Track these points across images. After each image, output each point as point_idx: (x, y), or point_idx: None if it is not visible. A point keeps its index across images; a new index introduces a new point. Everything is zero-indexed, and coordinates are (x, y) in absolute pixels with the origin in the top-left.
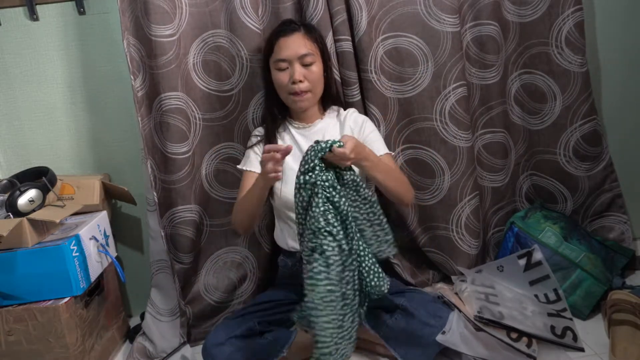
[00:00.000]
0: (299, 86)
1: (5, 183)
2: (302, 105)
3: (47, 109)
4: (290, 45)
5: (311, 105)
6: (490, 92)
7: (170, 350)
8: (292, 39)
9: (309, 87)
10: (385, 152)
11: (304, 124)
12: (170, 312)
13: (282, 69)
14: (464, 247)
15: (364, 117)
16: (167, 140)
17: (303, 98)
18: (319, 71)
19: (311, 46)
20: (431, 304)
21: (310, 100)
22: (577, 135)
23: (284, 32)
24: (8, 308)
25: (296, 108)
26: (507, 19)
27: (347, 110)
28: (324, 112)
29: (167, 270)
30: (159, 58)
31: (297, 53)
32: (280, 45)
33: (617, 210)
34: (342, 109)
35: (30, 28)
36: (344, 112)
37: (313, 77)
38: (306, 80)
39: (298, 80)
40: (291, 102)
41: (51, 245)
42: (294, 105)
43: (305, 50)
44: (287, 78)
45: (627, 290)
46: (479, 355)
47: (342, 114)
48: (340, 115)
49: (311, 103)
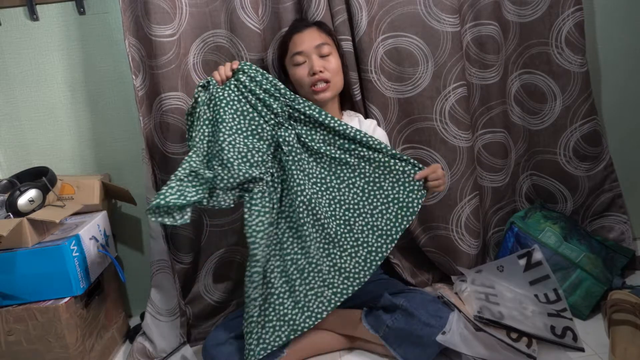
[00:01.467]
0: (319, 75)
1: (5, 183)
2: (324, 96)
3: (47, 109)
4: (305, 38)
5: (332, 96)
6: (490, 92)
7: (170, 350)
8: (306, 33)
9: (329, 76)
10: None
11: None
12: (170, 312)
13: (300, 63)
14: (464, 247)
15: (385, 135)
16: (167, 140)
17: (324, 87)
18: (337, 62)
19: (326, 37)
20: (431, 304)
21: (331, 90)
22: (577, 135)
23: (297, 29)
24: (8, 308)
25: (318, 99)
26: (507, 19)
27: (369, 122)
28: (342, 113)
29: (167, 270)
30: (159, 58)
31: (312, 44)
32: (294, 41)
33: (617, 210)
34: (361, 116)
35: (30, 28)
36: (365, 121)
37: (332, 66)
38: (326, 71)
39: (318, 70)
40: (312, 95)
41: (51, 245)
42: (315, 96)
43: (321, 40)
44: (306, 71)
45: (627, 290)
46: (479, 355)
47: (363, 124)
48: (362, 125)
49: (332, 94)
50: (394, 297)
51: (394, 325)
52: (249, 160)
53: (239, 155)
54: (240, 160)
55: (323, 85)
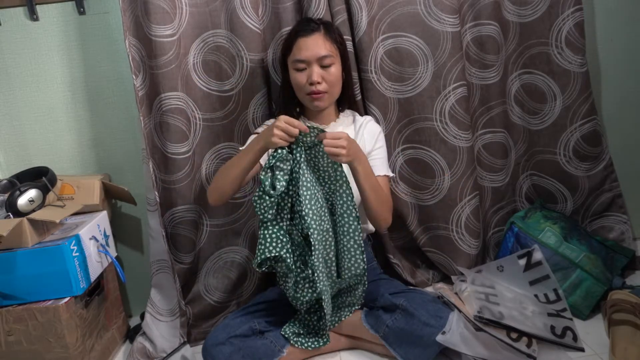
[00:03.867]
0: (316, 87)
1: (5, 183)
2: (319, 104)
3: (47, 109)
4: (309, 46)
5: (328, 104)
6: (490, 92)
7: (170, 350)
8: (312, 39)
9: (326, 88)
10: (384, 173)
11: (317, 125)
12: (170, 312)
13: (301, 69)
14: (464, 247)
15: (379, 129)
16: (167, 140)
17: (320, 97)
18: (337, 72)
19: (330, 47)
20: (431, 304)
21: (327, 100)
22: (577, 135)
23: (304, 32)
24: (8, 308)
25: (313, 107)
26: (507, 19)
27: (363, 118)
28: (338, 114)
29: (167, 270)
30: (159, 58)
31: (316, 55)
32: (299, 45)
33: (617, 210)
34: (357, 115)
35: (30, 28)
36: (360, 118)
37: (331, 78)
38: (324, 82)
39: (316, 81)
40: (308, 102)
41: (51, 245)
42: (311, 104)
43: (325, 52)
44: (305, 79)
45: (627, 290)
46: (479, 355)
47: (358, 121)
48: (357, 122)
49: (328, 103)
50: (394, 297)
51: (394, 325)
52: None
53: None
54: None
55: (320, 95)
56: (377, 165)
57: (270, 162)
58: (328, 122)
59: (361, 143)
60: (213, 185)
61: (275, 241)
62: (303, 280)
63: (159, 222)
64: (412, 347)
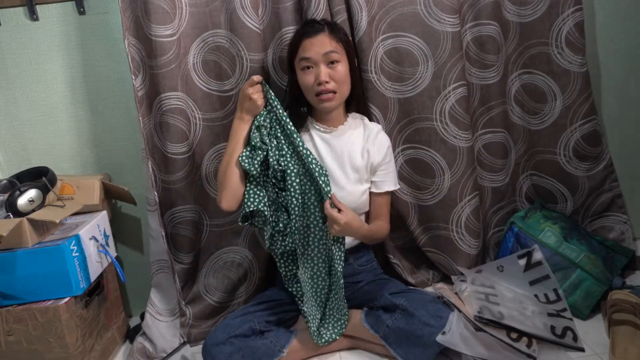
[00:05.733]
0: (325, 87)
1: (5, 183)
2: (328, 105)
3: (47, 109)
4: (314, 45)
5: (337, 105)
6: (490, 92)
7: (170, 350)
8: (317, 39)
9: (335, 87)
10: (391, 189)
11: (325, 127)
12: (170, 312)
13: (307, 68)
14: (464, 247)
15: (389, 142)
16: (167, 140)
17: (330, 97)
18: (345, 70)
19: (336, 45)
20: (431, 304)
21: (336, 100)
22: (577, 135)
23: (308, 34)
24: (8, 308)
25: (322, 108)
26: (507, 19)
27: (373, 125)
28: (347, 116)
29: (167, 270)
30: (159, 58)
31: (321, 51)
32: (304, 46)
33: (617, 210)
34: (366, 119)
35: (30, 28)
36: (370, 125)
37: (339, 76)
38: (332, 81)
39: (324, 80)
40: (317, 103)
41: (51, 245)
42: (320, 105)
43: (330, 47)
44: (312, 79)
45: (627, 290)
46: (479, 355)
47: (367, 127)
48: (366, 128)
49: (337, 103)
50: (394, 297)
51: (394, 325)
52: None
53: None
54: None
55: (329, 95)
56: (386, 180)
57: (255, 124)
58: (337, 125)
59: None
60: (221, 190)
61: (253, 196)
62: (277, 234)
63: (159, 222)
64: (412, 347)
